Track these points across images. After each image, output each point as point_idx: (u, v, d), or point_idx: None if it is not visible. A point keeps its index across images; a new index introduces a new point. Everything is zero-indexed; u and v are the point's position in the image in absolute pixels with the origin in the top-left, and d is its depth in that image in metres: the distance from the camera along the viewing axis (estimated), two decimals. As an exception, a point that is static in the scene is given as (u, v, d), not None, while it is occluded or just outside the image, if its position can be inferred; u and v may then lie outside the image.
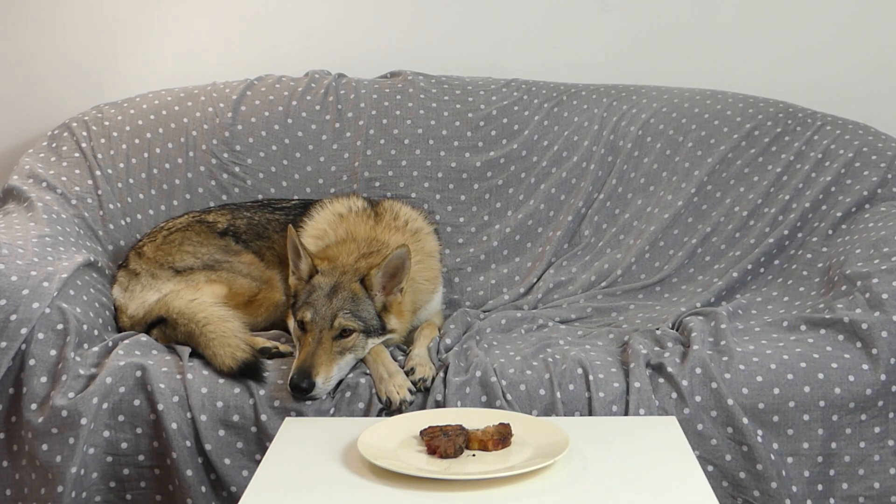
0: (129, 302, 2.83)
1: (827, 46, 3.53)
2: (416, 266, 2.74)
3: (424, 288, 2.86)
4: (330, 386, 2.50)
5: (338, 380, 2.53)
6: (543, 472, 2.01)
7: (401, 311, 2.69)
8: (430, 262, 2.92)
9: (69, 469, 2.43)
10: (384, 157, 3.25)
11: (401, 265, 2.62)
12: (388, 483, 1.98)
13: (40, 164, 3.10)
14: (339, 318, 2.54)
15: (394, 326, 2.66)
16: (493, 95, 3.35)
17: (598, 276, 3.17)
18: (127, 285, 2.88)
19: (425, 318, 2.88)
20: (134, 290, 2.86)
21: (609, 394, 2.51)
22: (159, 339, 2.72)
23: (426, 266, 2.89)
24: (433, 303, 2.93)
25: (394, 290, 2.65)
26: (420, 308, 2.84)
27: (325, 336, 2.52)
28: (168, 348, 2.67)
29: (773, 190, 3.22)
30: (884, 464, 2.54)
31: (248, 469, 2.47)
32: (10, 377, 2.51)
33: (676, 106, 3.35)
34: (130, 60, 3.49)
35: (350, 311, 2.57)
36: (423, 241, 2.94)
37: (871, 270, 2.72)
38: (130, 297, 2.84)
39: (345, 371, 2.55)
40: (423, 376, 2.54)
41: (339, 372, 2.53)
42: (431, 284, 2.90)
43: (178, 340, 2.68)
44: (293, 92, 3.31)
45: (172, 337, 2.70)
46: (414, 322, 2.81)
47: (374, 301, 2.62)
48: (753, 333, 2.71)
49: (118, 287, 2.89)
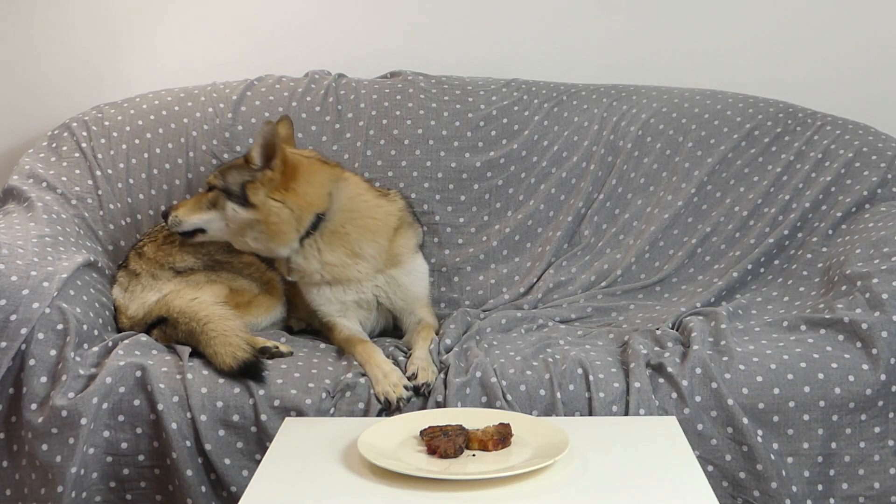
0: (130, 302, 2.83)
1: (827, 46, 3.53)
2: (367, 206, 2.86)
3: (373, 227, 2.86)
4: (180, 227, 2.87)
5: (194, 227, 2.86)
6: (543, 472, 2.01)
7: (287, 196, 2.77)
8: (386, 214, 2.90)
9: (69, 469, 2.43)
10: (384, 157, 3.25)
11: (272, 140, 2.75)
12: (388, 483, 1.98)
13: (40, 164, 3.10)
14: (209, 177, 2.90)
15: (256, 202, 2.76)
16: (493, 95, 3.35)
17: (598, 276, 3.17)
18: (127, 286, 2.88)
19: (396, 277, 2.88)
20: (134, 290, 2.86)
21: (609, 394, 2.51)
22: (159, 339, 2.72)
23: (383, 212, 2.89)
24: (403, 262, 2.90)
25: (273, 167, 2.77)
26: (366, 248, 2.83)
27: (202, 192, 2.94)
28: (168, 348, 2.67)
29: (773, 190, 3.22)
30: (884, 464, 2.54)
31: (248, 469, 2.47)
32: (10, 377, 2.51)
33: (676, 106, 3.35)
34: (130, 60, 3.49)
35: (220, 173, 2.86)
36: (393, 203, 2.94)
37: (871, 270, 2.72)
38: (131, 297, 2.84)
39: (212, 224, 2.84)
40: (426, 381, 2.54)
41: (201, 222, 2.86)
42: (383, 232, 2.87)
43: (178, 340, 2.68)
44: (293, 93, 3.31)
45: (173, 336, 2.70)
46: (371, 263, 2.84)
47: (257, 176, 2.77)
48: (753, 333, 2.71)
49: (118, 287, 2.89)
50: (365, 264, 2.85)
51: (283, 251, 2.82)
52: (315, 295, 2.87)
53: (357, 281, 2.85)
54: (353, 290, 2.86)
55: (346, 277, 2.84)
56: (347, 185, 2.88)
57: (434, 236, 3.22)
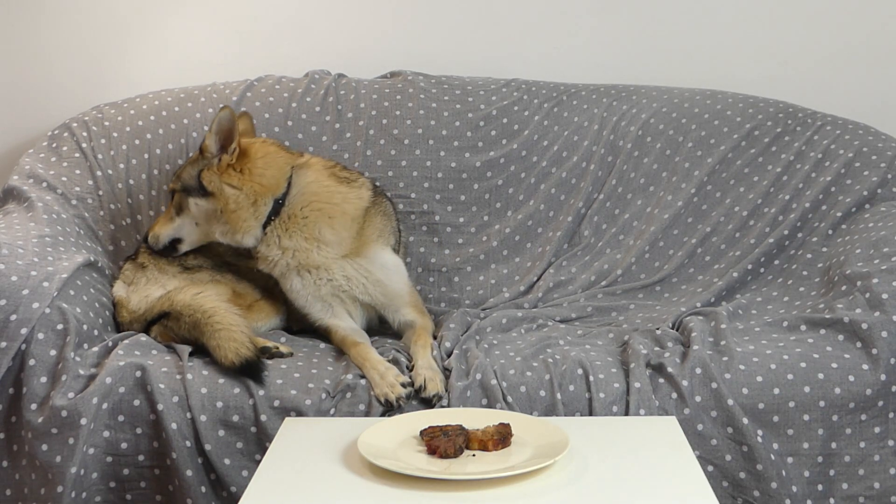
0: (132, 295, 2.83)
1: (827, 46, 3.53)
2: (326, 191, 2.85)
3: (331, 211, 2.84)
4: (158, 243, 2.87)
5: (170, 238, 2.88)
6: (543, 472, 2.01)
7: (243, 180, 2.78)
8: (344, 200, 2.88)
9: (69, 469, 2.43)
10: (384, 157, 3.25)
11: (228, 126, 2.76)
12: (388, 483, 1.98)
13: (40, 164, 3.10)
14: (169, 185, 2.92)
15: (212, 189, 2.79)
16: (493, 95, 3.35)
17: (599, 275, 3.17)
18: (132, 279, 2.88)
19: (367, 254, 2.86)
20: (139, 282, 2.86)
21: (609, 394, 2.50)
22: (160, 335, 2.72)
23: (342, 197, 2.87)
24: (368, 252, 2.87)
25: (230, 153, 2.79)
26: (325, 233, 2.82)
27: (168, 203, 2.93)
28: (168, 348, 2.67)
29: (773, 190, 3.22)
30: (884, 464, 2.54)
31: (248, 469, 2.47)
32: (10, 377, 2.51)
33: (676, 106, 3.35)
34: (130, 60, 3.49)
35: (176, 176, 2.89)
36: (355, 190, 2.91)
37: (871, 270, 2.72)
38: (134, 290, 2.84)
39: (184, 229, 2.87)
40: (436, 392, 2.52)
41: (173, 231, 2.87)
42: (341, 217, 2.84)
43: (180, 334, 2.68)
44: (293, 94, 3.31)
45: (175, 330, 2.70)
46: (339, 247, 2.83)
47: (213, 164, 2.79)
48: (753, 333, 2.71)
49: (121, 282, 2.89)
50: (328, 249, 2.83)
51: (247, 240, 2.82)
52: (293, 293, 2.86)
53: (325, 268, 2.83)
54: (323, 280, 2.83)
55: (310, 262, 2.82)
56: (307, 170, 2.87)
57: (434, 236, 3.23)
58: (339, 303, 2.86)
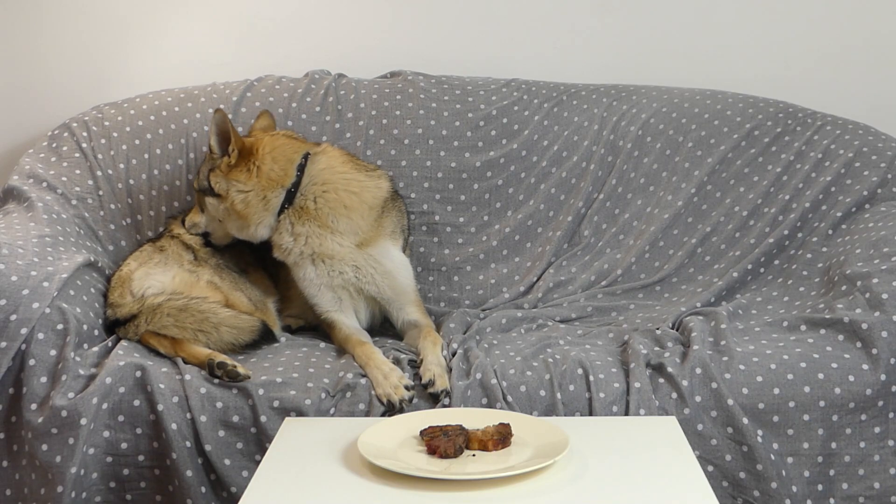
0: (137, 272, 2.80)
1: (827, 46, 3.53)
2: (342, 178, 2.86)
3: (347, 200, 2.84)
4: (193, 231, 2.94)
5: (200, 231, 2.94)
6: (543, 472, 2.01)
7: (249, 178, 2.81)
8: (362, 188, 2.88)
9: (69, 469, 2.43)
10: (384, 157, 3.25)
11: (223, 127, 2.80)
12: (388, 483, 1.98)
13: (40, 164, 3.10)
14: (194, 180, 2.99)
15: (219, 190, 2.83)
16: (493, 95, 3.35)
17: (598, 275, 3.17)
18: (147, 259, 2.85)
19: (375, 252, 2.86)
20: (151, 260, 2.85)
21: (609, 394, 2.51)
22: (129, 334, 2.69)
23: (359, 185, 2.88)
24: (380, 243, 2.87)
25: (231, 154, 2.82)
26: (340, 222, 2.82)
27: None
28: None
29: (773, 190, 3.22)
30: (884, 464, 2.54)
31: (248, 469, 2.47)
32: (10, 377, 2.51)
33: (676, 106, 3.35)
34: (130, 60, 3.49)
35: (197, 173, 2.97)
36: (374, 180, 2.92)
37: (871, 270, 2.72)
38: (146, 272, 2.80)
39: (209, 227, 2.93)
40: (444, 388, 2.52)
41: (203, 223, 2.93)
42: (358, 206, 2.85)
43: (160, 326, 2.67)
44: (293, 94, 3.31)
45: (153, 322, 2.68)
46: (351, 237, 2.83)
47: (217, 163, 2.83)
48: (753, 333, 2.71)
49: (133, 260, 2.87)
50: (342, 237, 2.83)
51: (261, 231, 2.85)
52: (305, 281, 2.86)
53: (339, 258, 2.82)
54: (336, 271, 2.83)
55: (324, 250, 2.82)
56: (321, 157, 2.88)
57: (434, 236, 3.23)
58: (347, 297, 2.86)
